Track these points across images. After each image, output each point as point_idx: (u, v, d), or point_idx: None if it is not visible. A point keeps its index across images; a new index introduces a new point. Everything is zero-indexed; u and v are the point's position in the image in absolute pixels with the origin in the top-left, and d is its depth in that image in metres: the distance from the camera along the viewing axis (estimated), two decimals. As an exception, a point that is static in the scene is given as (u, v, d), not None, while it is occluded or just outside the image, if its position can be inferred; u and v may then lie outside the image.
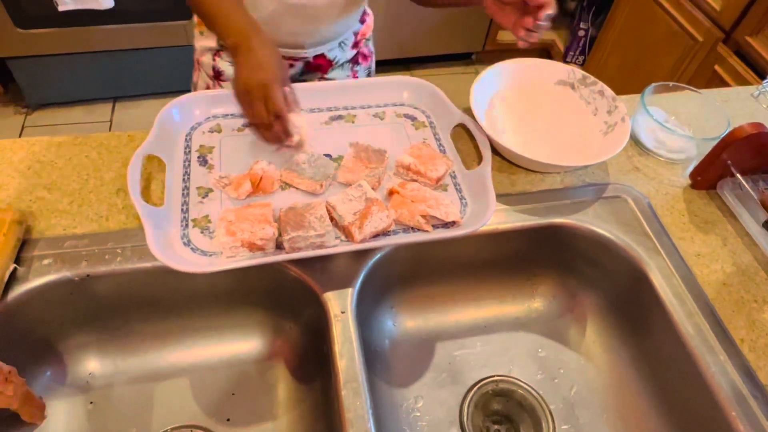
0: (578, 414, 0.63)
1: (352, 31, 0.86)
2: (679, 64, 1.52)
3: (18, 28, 1.59)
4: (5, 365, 0.47)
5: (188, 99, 0.67)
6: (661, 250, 0.61)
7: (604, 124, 0.70)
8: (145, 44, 1.76)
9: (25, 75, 1.75)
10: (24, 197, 0.60)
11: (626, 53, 1.71)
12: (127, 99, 1.95)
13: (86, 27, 1.64)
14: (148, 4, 1.64)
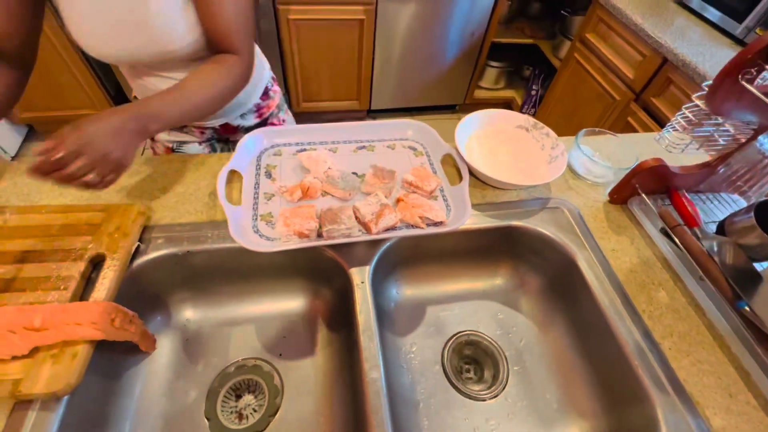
0: (525, 359, 0.62)
1: (253, 104, 0.77)
2: (602, 115, 1.50)
3: (142, 80, 1.60)
4: (130, 311, 0.48)
5: (260, 132, 0.68)
6: (587, 246, 0.61)
7: (549, 156, 0.69)
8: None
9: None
10: (145, 195, 0.61)
11: (565, 107, 1.69)
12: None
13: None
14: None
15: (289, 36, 1.62)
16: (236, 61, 0.57)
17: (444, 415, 0.56)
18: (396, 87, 1.98)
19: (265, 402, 0.56)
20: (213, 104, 0.57)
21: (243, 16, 0.56)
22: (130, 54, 0.58)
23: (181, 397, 0.55)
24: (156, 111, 0.48)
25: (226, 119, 0.76)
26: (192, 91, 0.53)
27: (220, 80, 0.56)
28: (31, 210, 0.54)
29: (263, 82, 0.80)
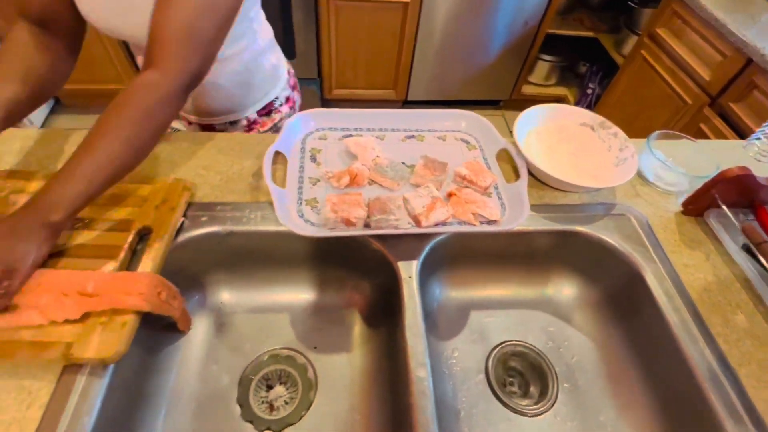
0: (577, 377, 0.62)
1: (245, 116, 0.79)
2: (670, 120, 1.47)
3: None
4: (174, 286, 0.52)
5: (306, 113, 0.71)
6: (656, 258, 0.61)
7: (616, 159, 0.69)
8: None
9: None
10: (190, 173, 0.64)
11: (626, 109, 1.66)
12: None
13: (220, 59, 1.72)
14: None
15: (328, 19, 1.67)
16: (153, 78, 0.49)
17: (486, 427, 0.57)
18: (436, 77, 2.00)
19: (297, 395, 0.58)
20: (132, 154, 0.48)
21: (191, 26, 0.50)
22: (126, 33, 0.61)
23: (214, 382, 0.58)
24: (51, 199, 0.43)
25: (211, 121, 0.80)
26: (96, 155, 0.45)
27: (133, 126, 0.47)
28: (81, 178, 0.59)
29: (267, 98, 0.81)
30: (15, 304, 0.44)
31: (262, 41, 0.74)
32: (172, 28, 0.49)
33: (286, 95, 0.85)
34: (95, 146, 0.46)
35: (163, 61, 0.49)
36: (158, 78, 0.49)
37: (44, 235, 0.44)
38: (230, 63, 0.71)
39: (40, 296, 0.44)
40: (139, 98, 0.48)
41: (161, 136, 0.53)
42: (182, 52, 0.50)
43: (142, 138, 0.49)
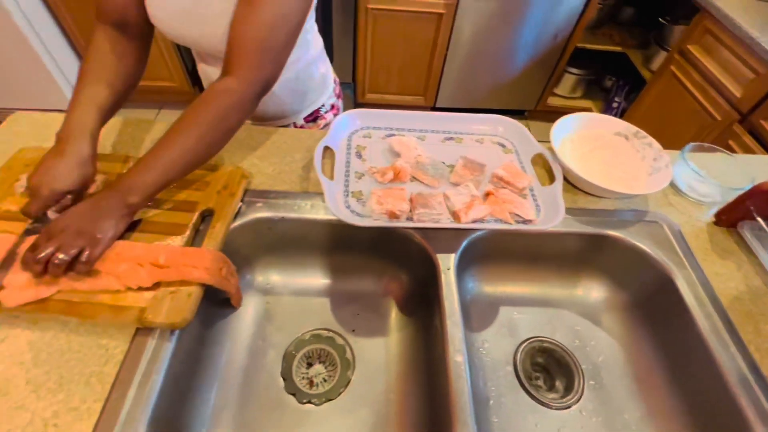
0: (603, 375, 0.62)
1: (292, 121, 0.81)
2: (697, 135, 1.43)
3: (220, 58, 1.74)
4: (232, 264, 0.54)
5: (353, 113, 0.73)
6: (687, 265, 0.60)
7: (651, 167, 0.69)
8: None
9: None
10: (247, 163, 0.67)
11: (653, 123, 1.63)
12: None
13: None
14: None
15: (365, 25, 1.69)
16: (230, 84, 0.52)
17: (514, 416, 0.58)
18: (464, 86, 2.00)
19: (336, 373, 0.60)
20: (204, 151, 0.52)
21: (267, 38, 0.52)
22: (193, 41, 0.63)
23: (261, 356, 0.60)
24: (130, 183, 0.48)
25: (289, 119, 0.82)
26: (172, 149, 0.50)
27: (208, 125, 0.51)
28: (151, 162, 0.62)
29: (315, 105, 0.83)
30: (97, 270, 0.48)
31: (314, 51, 0.76)
32: (248, 40, 0.52)
33: (332, 103, 0.87)
34: (173, 141, 0.50)
35: (239, 70, 0.52)
36: (235, 85, 0.52)
37: (122, 213, 0.49)
38: (284, 72, 0.73)
39: (118, 265, 0.48)
40: (216, 102, 0.51)
41: (231, 137, 0.56)
42: (257, 61, 0.52)
43: (214, 138, 0.53)
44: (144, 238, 0.53)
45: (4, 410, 0.41)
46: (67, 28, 1.68)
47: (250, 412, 0.55)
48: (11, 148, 0.66)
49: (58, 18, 1.66)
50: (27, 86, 1.73)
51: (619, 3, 1.98)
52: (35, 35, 1.59)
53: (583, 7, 1.71)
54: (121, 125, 0.71)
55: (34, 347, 0.46)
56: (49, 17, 1.65)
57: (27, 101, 1.75)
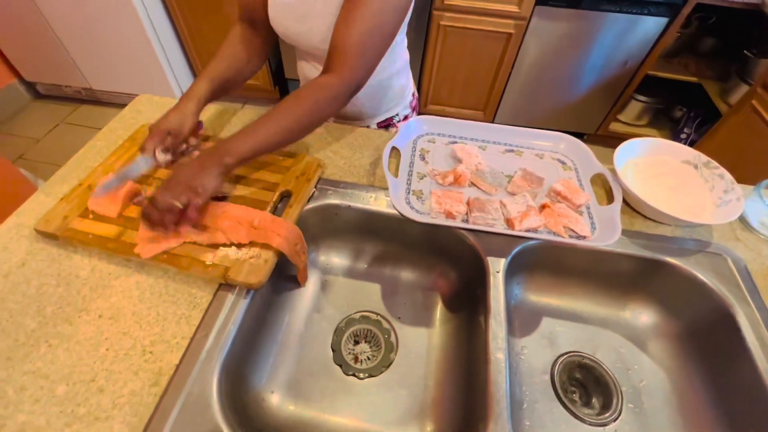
0: (643, 400, 0.59)
1: (365, 125, 0.84)
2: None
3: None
4: (305, 242, 0.58)
5: (421, 119, 0.75)
6: (752, 303, 0.55)
7: (719, 199, 0.64)
8: (367, 85, 1.93)
9: (295, 90, 2.02)
10: (321, 153, 0.72)
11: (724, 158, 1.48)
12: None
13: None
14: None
15: (436, 40, 1.72)
16: (329, 80, 0.56)
17: (546, 423, 0.56)
18: (524, 105, 1.95)
19: (379, 354, 0.62)
20: (295, 131, 0.57)
21: (364, 43, 0.56)
22: (295, 38, 0.68)
23: (316, 327, 0.64)
24: (229, 147, 0.53)
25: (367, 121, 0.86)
26: (269, 125, 0.55)
27: (304, 111, 0.56)
28: (243, 146, 0.69)
29: (389, 113, 0.85)
30: (207, 226, 0.54)
31: (399, 64, 0.79)
32: (349, 44, 0.56)
33: (406, 114, 0.89)
34: (272, 119, 0.55)
35: (339, 68, 0.56)
36: (333, 81, 0.56)
37: (219, 170, 0.53)
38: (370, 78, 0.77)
39: (223, 221, 0.54)
40: (314, 93, 0.56)
41: (318, 126, 0.61)
42: (354, 63, 0.57)
43: (306, 123, 0.57)
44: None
45: (114, 332, 0.48)
46: (179, 30, 1.88)
47: (301, 374, 0.59)
48: (135, 123, 0.75)
49: (173, 20, 1.85)
50: (142, 76, 1.94)
51: (699, 33, 1.84)
52: (153, 32, 1.79)
53: (660, 34, 1.61)
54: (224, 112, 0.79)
55: (140, 287, 0.53)
56: (165, 16, 1.84)
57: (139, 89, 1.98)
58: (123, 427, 0.41)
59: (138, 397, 0.43)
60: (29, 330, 0.48)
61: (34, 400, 0.43)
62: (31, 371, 0.45)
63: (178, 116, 0.60)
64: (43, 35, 1.82)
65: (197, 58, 1.98)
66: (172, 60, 1.93)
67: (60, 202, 0.58)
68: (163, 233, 0.53)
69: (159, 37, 1.82)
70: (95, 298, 0.51)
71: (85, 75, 2.00)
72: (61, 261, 0.55)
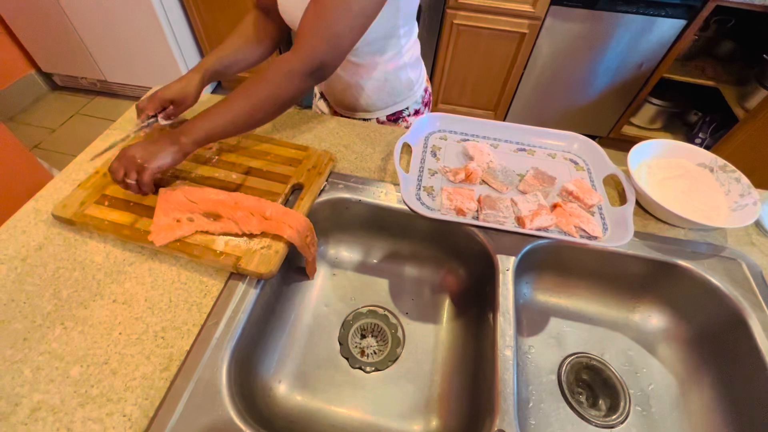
0: (652, 404, 0.58)
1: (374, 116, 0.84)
2: (792, 182, 1.26)
3: (313, 59, 1.86)
4: (315, 235, 0.59)
5: (433, 115, 0.75)
6: (766, 309, 0.54)
7: (735, 203, 0.63)
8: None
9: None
10: (333, 148, 0.72)
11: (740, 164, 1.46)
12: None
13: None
14: (388, 58, 1.80)
15: (448, 39, 1.71)
16: (287, 57, 0.54)
17: (552, 422, 0.56)
18: (536, 106, 1.94)
19: (386, 348, 0.63)
20: (253, 115, 0.55)
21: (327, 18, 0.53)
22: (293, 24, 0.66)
23: (323, 319, 0.64)
24: (185, 128, 0.54)
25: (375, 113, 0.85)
26: (227, 110, 0.54)
27: (262, 94, 0.55)
28: (255, 138, 0.70)
29: (398, 107, 0.84)
30: (219, 215, 0.55)
31: (406, 58, 0.78)
32: (306, 21, 0.54)
33: (417, 108, 0.89)
34: (229, 103, 0.55)
35: (298, 45, 0.54)
36: (290, 56, 0.54)
37: (173, 149, 0.54)
38: (373, 70, 0.77)
39: (235, 212, 0.54)
40: (271, 71, 0.54)
41: (283, 109, 0.58)
42: (314, 40, 0.54)
43: (266, 106, 0.55)
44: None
45: (127, 317, 0.49)
46: (194, 24, 1.89)
47: (308, 365, 0.60)
48: (151, 114, 0.76)
49: (188, 14, 1.87)
50: (156, 69, 1.97)
51: (718, 36, 1.80)
52: (169, 26, 1.81)
53: (676, 37, 1.58)
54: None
55: (153, 273, 0.53)
56: (181, 11, 1.86)
57: (153, 82, 2.00)
58: (134, 409, 0.42)
59: (149, 381, 0.44)
60: (45, 312, 0.49)
61: (49, 380, 0.44)
62: (47, 352, 0.46)
63: (181, 86, 0.63)
64: (62, 28, 1.86)
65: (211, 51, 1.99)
66: (186, 54, 1.95)
67: (77, 188, 0.60)
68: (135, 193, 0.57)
69: (174, 31, 1.84)
70: (109, 283, 0.52)
71: (101, 67, 2.03)
72: (77, 246, 0.56)
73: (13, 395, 0.42)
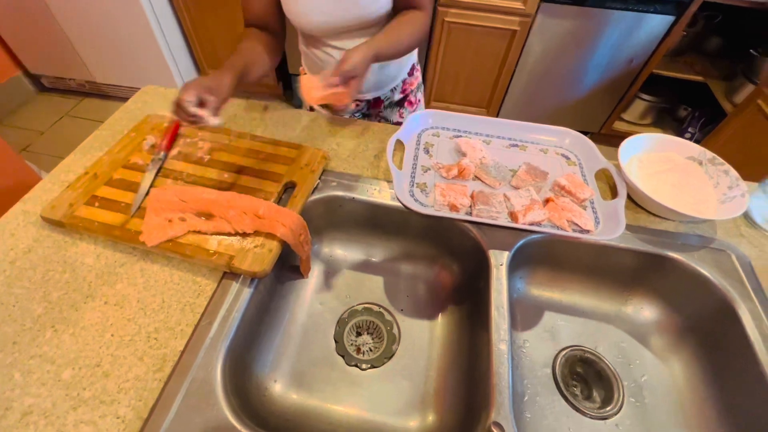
0: (645, 394, 0.59)
1: (401, 79, 0.86)
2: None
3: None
4: (309, 233, 0.58)
5: (426, 112, 0.75)
6: (755, 299, 0.55)
7: (723, 195, 0.64)
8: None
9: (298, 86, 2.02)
10: (326, 146, 0.72)
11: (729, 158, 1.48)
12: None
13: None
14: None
15: (440, 36, 1.71)
16: (422, 16, 0.70)
17: (547, 415, 0.56)
18: (528, 102, 1.95)
19: (381, 345, 0.63)
20: (402, 49, 0.68)
21: None
22: (329, 19, 0.68)
23: (318, 317, 0.64)
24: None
25: (379, 93, 0.86)
26: (398, 33, 0.67)
27: (414, 31, 0.69)
28: (247, 136, 0.69)
29: (411, 59, 0.88)
30: (211, 214, 0.54)
31: None
32: None
33: (416, 55, 0.91)
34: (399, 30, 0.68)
35: (421, 5, 0.71)
36: (422, 16, 0.71)
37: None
38: None
39: (227, 211, 0.54)
40: (418, 24, 0.71)
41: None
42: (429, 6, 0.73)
43: (405, 49, 0.70)
44: (238, 199, 0.59)
45: (119, 319, 0.49)
46: (184, 24, 1.87)
47: (304, 364, 0.59)
48: (141, 114, 0.76)
49: (178, 14, 1.85)
50: (145, 70, 1.95)
51: (705, 32, 1.83)
52: (158, 26, 1.79)
53: (665, 33, 1.60)
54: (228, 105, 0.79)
55: (145, 274, 0.53)
56: (171, 11, 1.84)
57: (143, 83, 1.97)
58: (128, 411, 0.42)
59: (143, 382, 0.44)
60: (35, 315, 0.48)
61: (40, 383, 0.43)
62: (37, 355, 0.45)
63: (211, 82, 0.58)
64: (49, 28, 1.83)
65: (201, 53, 1.97)
66: (176, 54, 1.93)
67: (66, 189, 0.59)
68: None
69: (164, 31, 1.82)
70: (101, 285, 0.51)
71: (90, 68, 2.00)
72: (67, 248, 0.55)
73: (4, 399, 0.42)
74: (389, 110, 0.91)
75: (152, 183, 0.61)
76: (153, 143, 0.66)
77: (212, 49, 1.93)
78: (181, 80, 1.99)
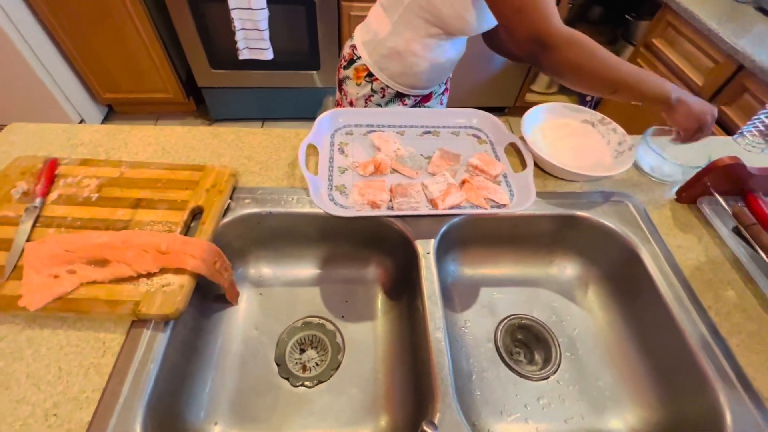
0: (578, 346, 0.63)
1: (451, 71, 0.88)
2: (664, 122, 1.45)
3: (212, 68, 1.74)
4: (227, 259, 0.54)
5: (335, 112, 0.73)
6: (652, 240, 0.61)
7: (615, 151, 0.70)
8: (288, 84, 1.87)
9: (212, 99, 1.89)
10: (234, 162, 0.67)
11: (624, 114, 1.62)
12: (272, 120, 2.07)
13: (253, 71, 1.76)
14: (293, 57, 1.75)
15: (349, 30, 1.69)
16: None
17: (495, 388, 0.58)
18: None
19: (327, 357, 0.60)
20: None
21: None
22: None
23: (255, 343, 0.60)
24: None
25: (435, 86, 0.86)
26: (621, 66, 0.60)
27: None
28: (142, 165, 0.62)
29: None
30: (107, 260, 0.48)
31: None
32: None
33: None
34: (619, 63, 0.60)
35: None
36: None
37: None
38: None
39: (125, 253, 0.48)
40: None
41: None
42: None
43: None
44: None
45: (6, 403, 0.41)
46: (65, 48, 1.66)
47: (245, 396, 0.55)
48: (8, 157, 0.65)
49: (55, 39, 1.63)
50: (27, 103, 1.70)
51: (588, 2, 2.00)
52: (33, 55, 1.57)
53: (554, 7, 1.72)
54: (113, 132, 0.71)
55: (33, 343, 0.45)
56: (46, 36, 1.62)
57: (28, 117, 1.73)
58: None
59: (44, 470, 0.37)
60: None
61: None
62: None
63: None
64: None
65: (91, 75, 1.77)
66: (60, 82, 1.71)
67: None
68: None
69: (41, 60, 1.60)
70: (-24, 368, 0.43)
71: (-46, 110, 1.71)
72: (-75, 333, 0.46)
73: None
74: (435, 101, 0.91)
75: (29, 237, 0.52)
76: (25, 190, 0.57)
77: (102, 67, 1.73)
78: (73, 108, 1.78)
